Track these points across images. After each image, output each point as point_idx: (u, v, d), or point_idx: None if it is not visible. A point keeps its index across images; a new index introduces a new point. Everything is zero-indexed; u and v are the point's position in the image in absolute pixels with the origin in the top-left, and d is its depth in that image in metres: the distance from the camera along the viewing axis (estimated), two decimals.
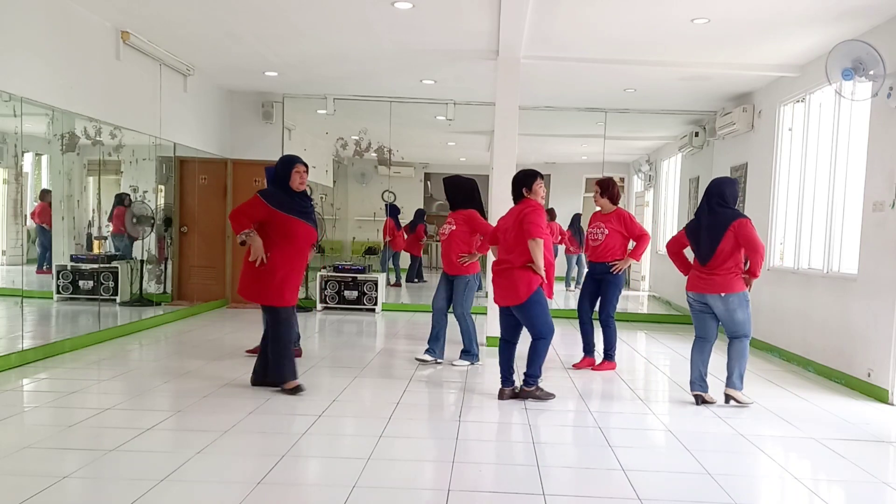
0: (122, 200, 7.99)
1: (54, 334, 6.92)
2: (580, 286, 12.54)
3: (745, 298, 4.78)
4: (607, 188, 6.11)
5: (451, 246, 5.97)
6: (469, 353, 6.16)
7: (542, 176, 4.96)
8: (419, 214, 13.17)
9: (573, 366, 6.23)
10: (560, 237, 12.12)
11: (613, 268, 6.01)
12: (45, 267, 7.45)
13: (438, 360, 6.16)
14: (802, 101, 7.18)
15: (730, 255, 4.71)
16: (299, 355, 6.03)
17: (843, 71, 5.50)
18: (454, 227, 5.95)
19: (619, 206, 6.19)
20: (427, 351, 6.14)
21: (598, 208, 6.24)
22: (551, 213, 12.54)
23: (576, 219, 12.94)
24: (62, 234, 7.55)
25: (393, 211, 12.01)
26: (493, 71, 7.21)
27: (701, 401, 4.97)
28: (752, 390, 5.59)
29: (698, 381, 5.00)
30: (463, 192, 6.04)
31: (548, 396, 4.91)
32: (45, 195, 7.31)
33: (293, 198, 4.81)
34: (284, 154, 5.58)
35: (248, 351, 6.18)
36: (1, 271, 6.88)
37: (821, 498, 3.43)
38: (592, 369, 6.15)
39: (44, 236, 7.45)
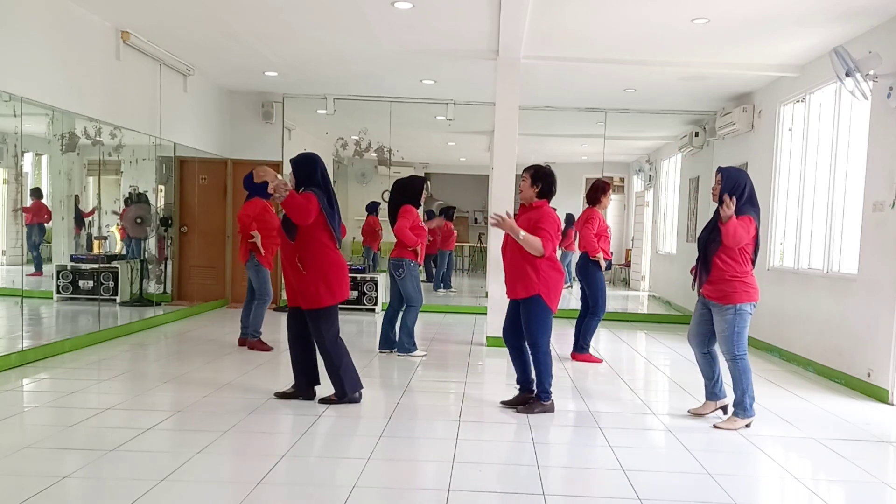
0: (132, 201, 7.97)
1: (54, 334, 6.92)
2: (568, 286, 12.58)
3: None
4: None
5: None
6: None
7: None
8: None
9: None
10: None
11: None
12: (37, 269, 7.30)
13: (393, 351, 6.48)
14: (802, 101, 7.18)
15: None
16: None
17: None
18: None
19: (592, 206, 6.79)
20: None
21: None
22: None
23: (569, 218, 12.94)
24: (62, 234, 7.55)
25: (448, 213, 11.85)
26: (493, 71, 7.21)
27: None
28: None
29: None
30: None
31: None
32: (35, 193, 7.15)
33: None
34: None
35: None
36: (1, 271, 6.88)
37: (821, 498, 3.43)
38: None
39: (38, 236, 7.32)
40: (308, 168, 4.57)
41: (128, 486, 3.12)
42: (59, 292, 7.55)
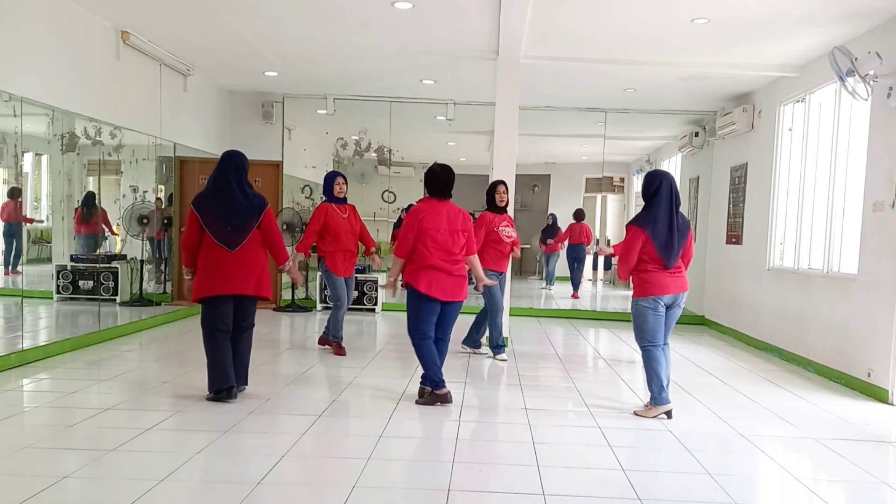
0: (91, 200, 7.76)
1: (54, 334, 6.92)
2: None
3: None
4: None
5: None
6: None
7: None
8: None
9: None
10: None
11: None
12: (10, 268, 7.13)
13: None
14: (802, 101, 7.19)
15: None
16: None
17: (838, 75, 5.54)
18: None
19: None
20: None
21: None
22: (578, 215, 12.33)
23: (552, 219, 12.91)
24: (62, 234, 7.55)
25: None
26: (493, 71, 7.22)
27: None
28: (752, 390, 5.61)
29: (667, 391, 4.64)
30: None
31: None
32: (13, 193, 6.88)
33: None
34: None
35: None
36: (1, 271, 6.87)
37: (821, 498, 3.43)
38: None
39: (8, 235, 7.01)
40: (214, 171, 4.66)
41: (128, 486, 3.12)
42: (59, 292, 7.55)
